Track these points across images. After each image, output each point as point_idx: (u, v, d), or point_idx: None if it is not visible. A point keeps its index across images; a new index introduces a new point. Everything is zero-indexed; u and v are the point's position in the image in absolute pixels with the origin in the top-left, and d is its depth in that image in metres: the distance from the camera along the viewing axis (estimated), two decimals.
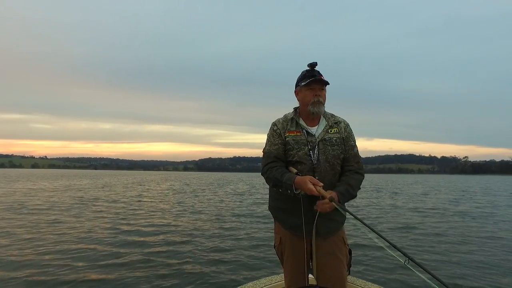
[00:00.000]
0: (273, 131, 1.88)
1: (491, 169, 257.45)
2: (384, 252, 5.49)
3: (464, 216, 10.82)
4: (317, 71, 1.81)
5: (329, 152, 1.80)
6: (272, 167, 1.79)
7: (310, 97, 1.78)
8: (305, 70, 1.84)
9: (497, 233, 7.81)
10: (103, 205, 12.42)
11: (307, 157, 1.78)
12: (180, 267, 4.80)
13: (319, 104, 1.79)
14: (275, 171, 1.76)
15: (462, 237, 7.20)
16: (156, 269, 4.69)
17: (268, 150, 1.86)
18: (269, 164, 1.81)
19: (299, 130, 1.84)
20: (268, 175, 1.80)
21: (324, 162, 1.77)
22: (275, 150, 1.83)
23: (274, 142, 1.85)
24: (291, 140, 1.82)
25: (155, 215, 10.00)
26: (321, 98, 1.79)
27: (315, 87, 1.79)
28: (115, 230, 7.35)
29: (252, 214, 10.55)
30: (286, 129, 1.85)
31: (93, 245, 5.88)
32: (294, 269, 1.81)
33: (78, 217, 9.13)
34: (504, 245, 6.51)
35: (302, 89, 1.83)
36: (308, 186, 1.60)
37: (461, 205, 14.55)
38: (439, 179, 72.50)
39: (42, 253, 5.31)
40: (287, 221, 1.83)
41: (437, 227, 8.44)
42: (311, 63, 1.81)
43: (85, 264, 4.81)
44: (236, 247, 6.07)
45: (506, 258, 5.50)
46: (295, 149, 1.80)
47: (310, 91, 1.79)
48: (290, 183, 1.67)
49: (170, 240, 6.45)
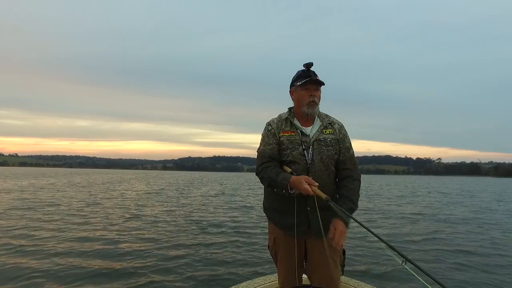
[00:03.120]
0: (267, 131, 1.87)
1: (462, 170, 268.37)
2: (379, 252, 5.71)
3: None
4: (312, 71, 1.80)
5: (324, 152, 1.80)
6: (267, 167, 1.78)
7: (306, 98, 1.78)
8: (301, 70, 1.83)
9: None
10: (46, 210, 10.12)
11: (302, 157, 1.78)
12: (172, 268, 4.71)
13: (314, 104, 1.79)
14: (270, 171, 1.75)
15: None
16: (146, 274, 4.48)
17: (262, 150, 1.85)
18: (263, 164, 1.80)
19: (294, 130, 1.84)
20: (263, 175, 1.78)
21: (319, 162, 1.78)
22: (270, 150, 1.82)
23: (269, 142, 1.84)
24: (286, 140, 1.82)
25: (98, 225, 8.30)
26: (316, 98, 1.79)
27: (311, 87, 1.79)
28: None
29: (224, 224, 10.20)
30: (280, 129, 1.85)
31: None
32: (288, 269, 1.81)
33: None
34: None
35: (297, 89, 1.82)
36: (304, 186, 1.60)
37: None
38: (415, 180, 74.65)
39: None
40: (281, 221, 1.82)
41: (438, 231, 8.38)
42: (306, 63, 1.80)
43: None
44: (229, 247, 6.03)
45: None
46: (289, 149, 1.80)
47: (305, 91, 1.79)
48: (285, 182, 1.66)
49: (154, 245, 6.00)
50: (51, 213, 9.62)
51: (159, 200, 14.98)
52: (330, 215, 1.69)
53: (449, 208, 13.92)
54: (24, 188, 20.70)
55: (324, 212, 1.67)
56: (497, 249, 6.42)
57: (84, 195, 16.03)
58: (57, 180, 33.50)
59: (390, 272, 4.74)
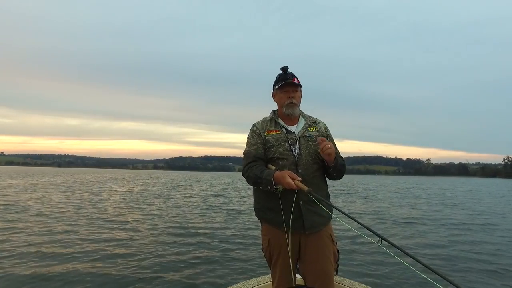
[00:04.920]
0: (252, 132, 1.95)
1: (451, 171, 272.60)
2: (372, 250, 5.78)
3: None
4: (290, 74, 1.89)
5: (311, 147, 1.85)
6: (252, 166, 1.83)
7: (284, 99, 1.88)
8: (279, 74, 1.93)
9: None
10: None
11: (289, 152, 1.83)
12: (167, 270, 4.67)
13: (293, 105, 1.88)
14: (255, 169, 1.80)
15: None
16: (139, 273, 4.42)
17: (247, 151, 1.91)
18: (249, 164, 1.86)
19: (279, 129, 1.90)
20: (248, 174, 1.83)
21: (307, 156, 1.83)
22: (254, 150, 1.88)
23: (253, 142, 1.91)
24: (271, 138, 1.88)
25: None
26: (294, 100, 1.88)
27: (289, 89, 1.88)
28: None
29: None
30: (265, 128, 1.92)
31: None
32: (282, 270, 1.84)
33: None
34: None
35: (277, 92, 1.93)
36: (287, 180, 1.64)
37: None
38: (407, 180, 75.38)
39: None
40: (274, 219, 1.83)
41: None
42: (282, 67, 1.89)
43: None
44: (223, 248, 6.01)
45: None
46: (275, 146, 1.85)
47: (284, 93, 1.89)
48: (269, 178, 1.71)
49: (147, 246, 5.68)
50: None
51: (139, 202, 14.55)
52: (323, 210, 1.80)
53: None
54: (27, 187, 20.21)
55: (317, 206, 1.75)
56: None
57: (57, 196, 14.96)
58: (37, 180, 31.85)
59: (382, 270, 4.75)
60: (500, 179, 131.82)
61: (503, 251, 6.37)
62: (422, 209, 13.39)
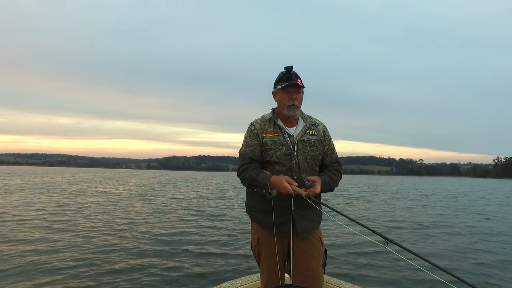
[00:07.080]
0: (250, 131, 1.91)
1: (443, 171, 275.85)
2: (359, 248, 5.84)
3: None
4: (294, 74, 1.83)
5: (308, 153, 1.84)
6: (248, 168, 1.81)
7: (286, 100, 1.83)
8: (282, 73, 1.86)
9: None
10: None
11: (286, 157, 1.81)
12: (153, 268, 4.64)
13: (295, 107, 1.83)
14: (251, 171, 1.78)
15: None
16: (126, 273, 4.38)
17: (244, 152, 1.89)
18: (244, 165, 1.84)
19: (277, 131, 1.87)
20: (243, 175, 1.82)
21: (303, 162, 1.81)
22: (251, 152, 1.86)
23: (250, 143, 1.87)
24: (269, 140, 1.84)
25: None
26: (296, 101, 1.83)
27: (291, 90, 1.82)
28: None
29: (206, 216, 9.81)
30: (263, 129, 1.88)
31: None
32: (270, 269, 1.83)
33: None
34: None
35: (279, 92, 1.87)
36: (284, 185, 1.64)
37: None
38: (400, 180, 75.99)
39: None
40: (264, 221, 1.83)
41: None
42: (286, 66, 1.83)
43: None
44: (211, 246, 5.96)
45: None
46: (272, 149, 1.82)
47: (286, 94, 1.83)
48: (265, 182, 1.69)
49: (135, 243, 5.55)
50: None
51: (128, 203, 14.17)
52: (313, 215, 1.82)
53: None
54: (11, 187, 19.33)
55: (307, 211, 1.76)
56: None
57: (31, 198, 13.96)
58: (17, 180, 29.67)
59: (370, 270, 4.76)
60: (491, 179, 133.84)
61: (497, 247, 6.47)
62: (420, 213, 13.46)
